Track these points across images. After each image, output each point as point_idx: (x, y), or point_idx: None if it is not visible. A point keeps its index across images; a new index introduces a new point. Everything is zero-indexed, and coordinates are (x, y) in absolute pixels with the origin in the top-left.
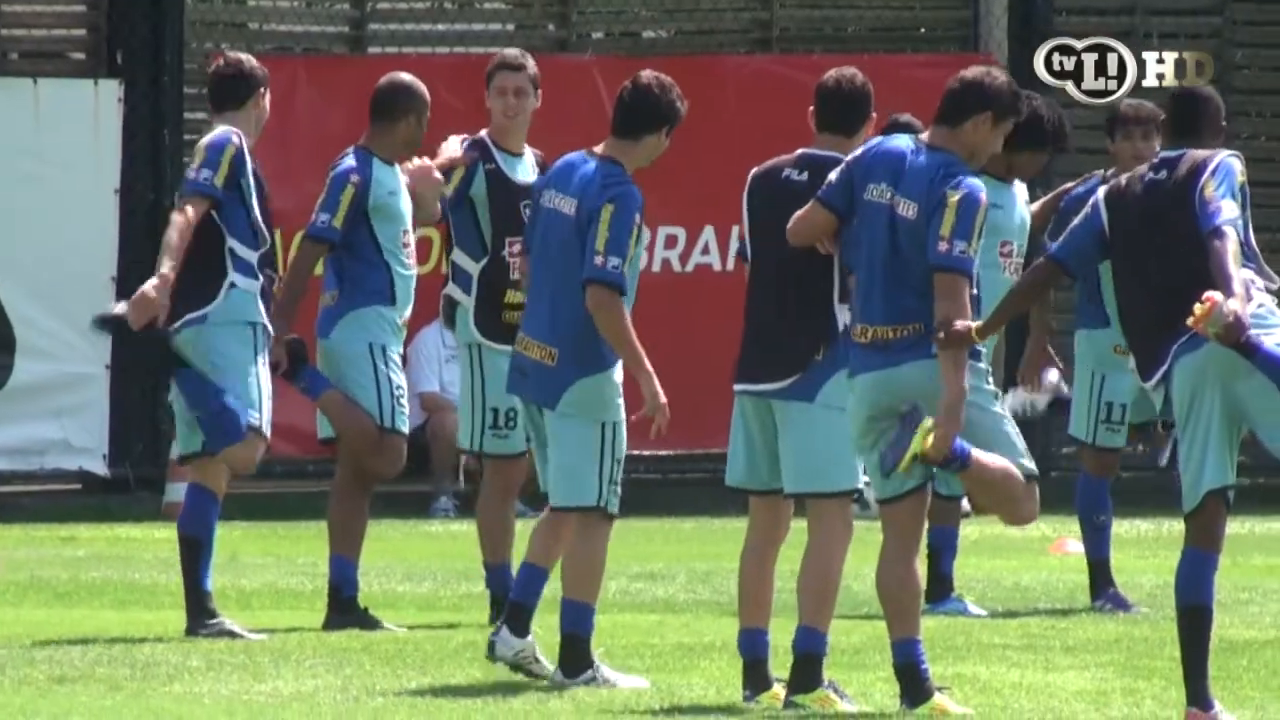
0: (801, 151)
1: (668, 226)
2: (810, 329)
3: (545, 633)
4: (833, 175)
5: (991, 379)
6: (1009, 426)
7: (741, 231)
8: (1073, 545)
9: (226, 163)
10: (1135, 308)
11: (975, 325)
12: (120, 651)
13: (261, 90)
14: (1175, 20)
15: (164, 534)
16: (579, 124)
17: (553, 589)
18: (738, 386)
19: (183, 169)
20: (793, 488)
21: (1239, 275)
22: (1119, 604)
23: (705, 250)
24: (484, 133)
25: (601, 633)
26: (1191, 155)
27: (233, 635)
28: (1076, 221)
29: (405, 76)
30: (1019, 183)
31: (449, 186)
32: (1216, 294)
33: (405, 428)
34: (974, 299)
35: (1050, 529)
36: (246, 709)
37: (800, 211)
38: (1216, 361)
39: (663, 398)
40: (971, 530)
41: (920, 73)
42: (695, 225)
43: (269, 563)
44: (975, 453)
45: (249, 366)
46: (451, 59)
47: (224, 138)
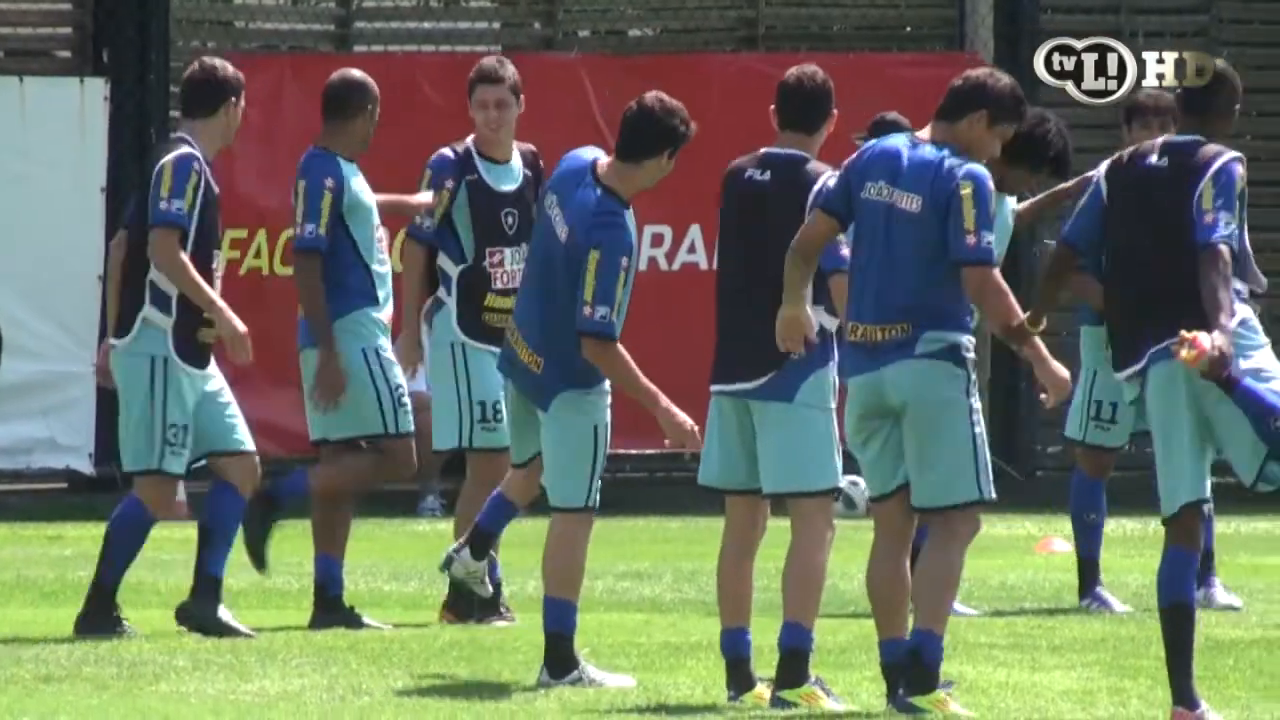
0: (764, 150)
1: (654, 225)
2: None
3: (530, 631)
4: (831, 182)
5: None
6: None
7: None
8: (1059, 544)
9: (191, 191)
10: (1117, 291)
11: (1025, 317)
12: (107, 651)
13: (234, 99)
14: (1161, 19)
15: (154, 534)
16: (565, 122)
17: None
18: (714, 387)
19: None
20: (772, 487)
21: (1228, 300)
22: (1104, 604)
23: (692, 249)
24: (469, 140)
25: (588, 632)
26: (1196, 151)
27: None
28: (1083, 201)
29: (356, 72)
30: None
31: (434, 218)
32: (1203, 336)
33: (411, 427)
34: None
35: (1036, 528)
36: (233, 708)
37: (805, 223)
38: (1189, 379)
39: (689, 425)
40: None
41: (906, 71)
42: (681, 224)
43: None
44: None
45: (145, 403)
46: (437, 57)
47: (187, 164)
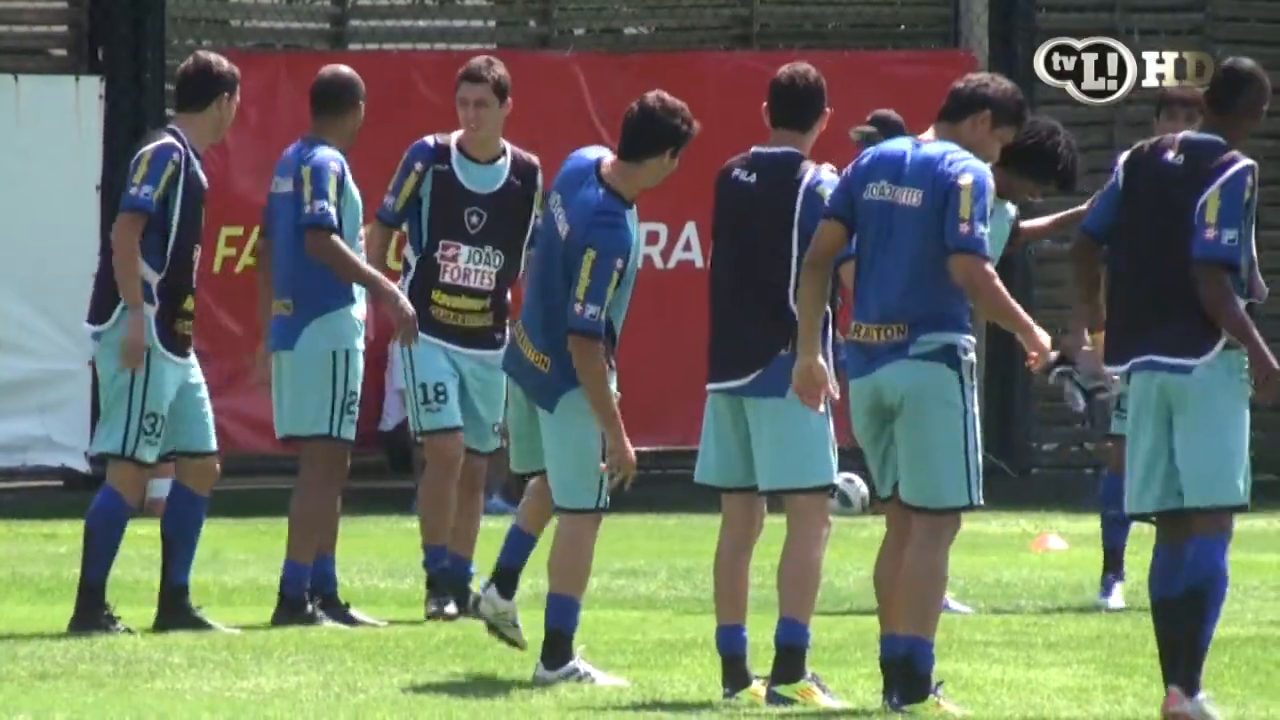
0: (754, 150)
1: (649, 223)
2: (770, 324)
3: (526, 629)
4: (827, 183)
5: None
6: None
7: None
8: (1054, 542)
9: (165, 181)
10: (1123, 285)
11: (1075, 331)
12: (102, 648)
13: (227, 94)
14: (1155, 17)
15: (145, 531)
16: (560, 120)
17: (538, 585)
18: (710, 386)
19: None
20: (768, 484)
21: (1238, 315)
22: (1105, 594)
23: (687, 247)
24: (455, 135)
25: (584, 629)
26: (1212, 153)
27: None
28: (1103, 190)
29: (345, 68)
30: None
31: (401, 199)
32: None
33: (352, 434)
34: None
35: (1031, 525)
36: (229, 706)
37: (815, 235)
38: (1162, 391)
39: (631, 455)
40: None
41: (901, 69)
42: (677, 222)
43: (251, 559)
44: None
45: (124, 389)
46: (433, 55)
47: (165, 153)
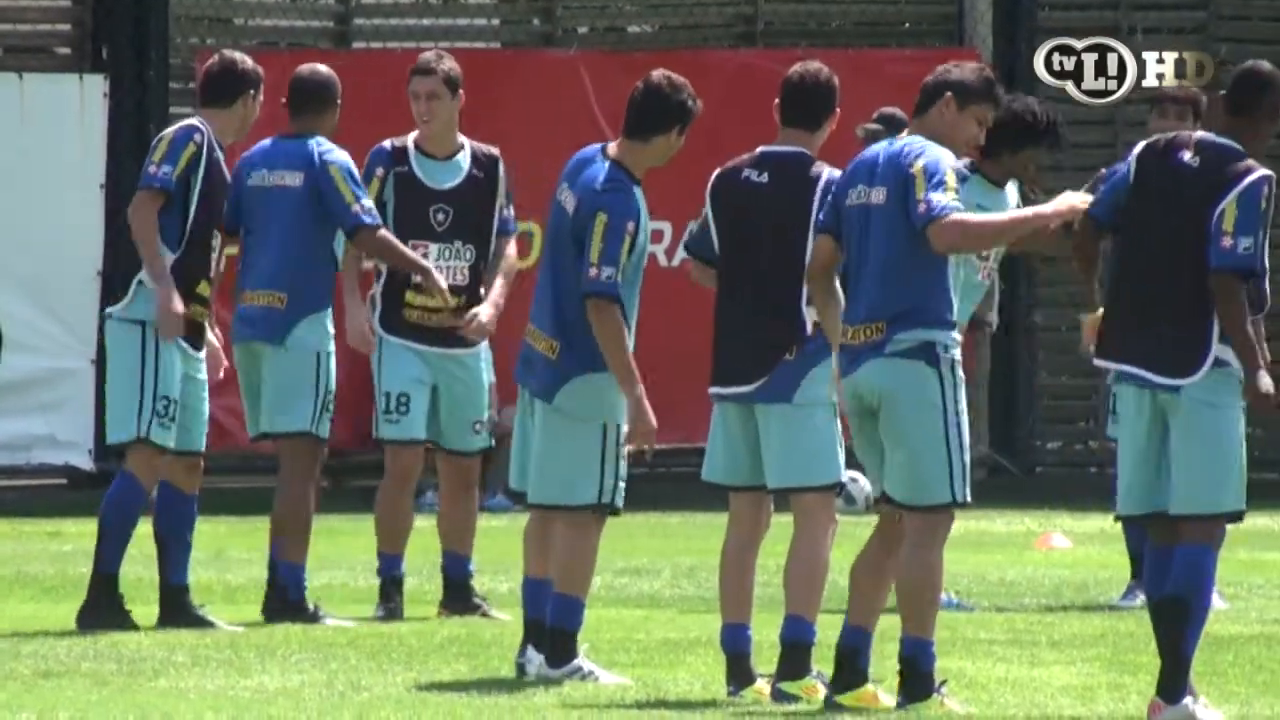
0: (761, 150)
1: (653, 221)
2: (778, 329)
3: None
4: (825, 201)
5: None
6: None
7: (692, 226)
8: (1058, 540)
9: (185, 160)
10: (1126, 281)
11: (1093, 315)
12: (106, 646)
13: (251, 92)
14: (1159, 15)
15: (149, 529)
16: (564, 119)
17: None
18: (713, 390)
19: None
20: (777, 483)
21: (1247, 330)
22: (1126, 598)
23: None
24: (412, 135)
25: (587, 628)
26: (1229, 159)
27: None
28: (1115, 177)
29: (323, 68)
30: (1011, 188)
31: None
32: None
33: (327, 433)
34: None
35: (1035, 524)
36: (232, 704)
37: (811, 249)
38: (1155, 399)
39: (652, 421)
40: (955, 525)
41: (905, 67)
42: (680, 220)
43: (254, 557)
44: None
45: (134, 370)
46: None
47: (186, 134)
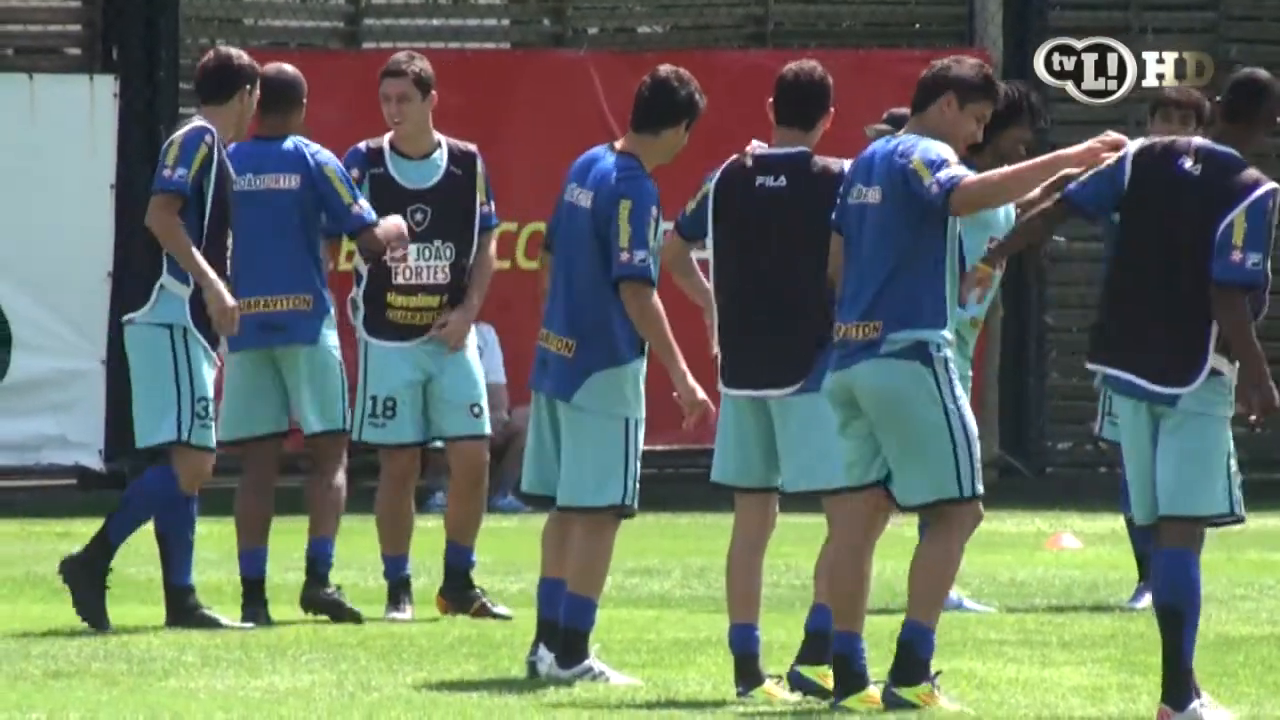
0: (765, 153)
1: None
2: (806, 329)
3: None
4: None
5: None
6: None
7: (688, 207)
8: (1069, 540)
9: (198, 162)
10: (1117, 285)
11: (983, 267)
12: (116, 646)
13: (248, 87)
14: (1169, 15)
15: (150, 527)
16: (574, 119)
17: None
18: (734, 391)
19: None
20: (805, 485)
21: (1253, 343)
22: (1135, 599)
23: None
24: (388, 136)
25: (598, 628)
26: (1233, 170)
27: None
28: (1102, 167)
29: (289, 67)
30: None
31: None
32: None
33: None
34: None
35: (1046, 524)
36: (242, 704)
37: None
38: (1150, 409)
39: (700, 394)
40: None
41: (915, 68)
42: None
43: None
44: None
45: (169, 374)
46: (447, 54)
47: (197, 135)
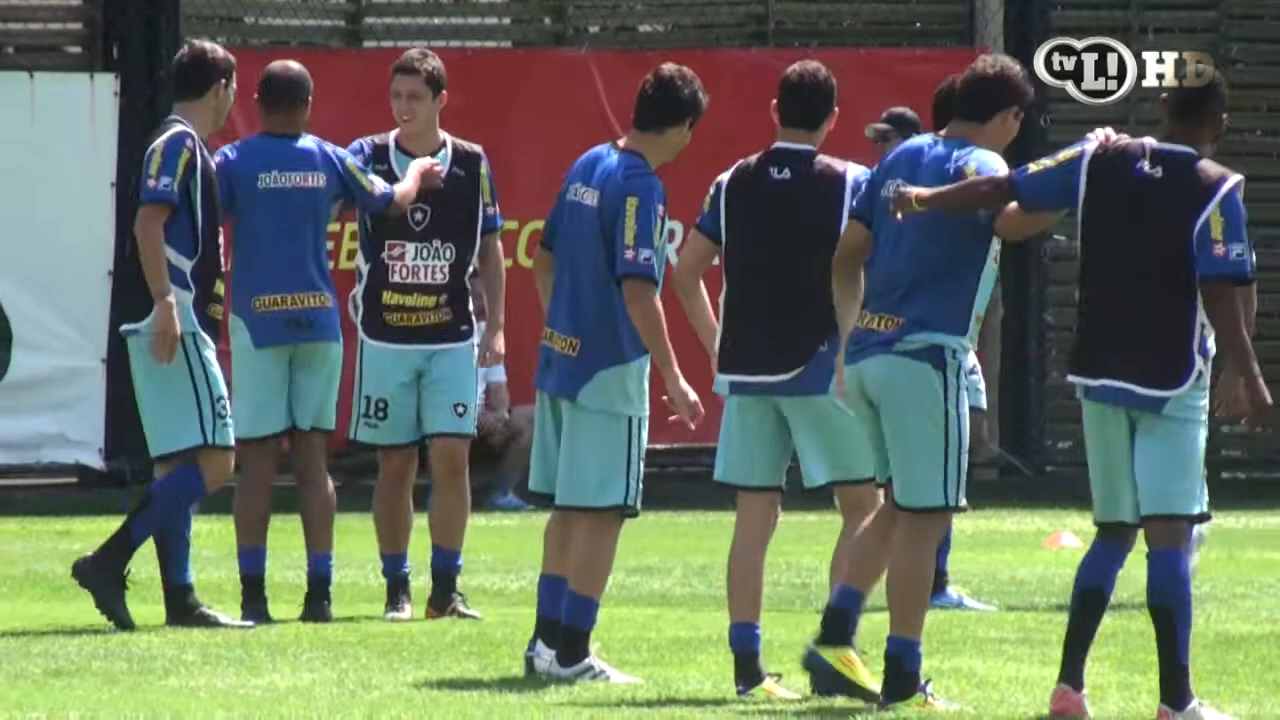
0: (778, 146)
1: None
2: (813, 320)
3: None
4: (862, 188)
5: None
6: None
7: (705, 205)
8: (1068, 539)
9: (182, 167)
10: (1090, 296)
11: (920, 193)
12: (116, 645)
13: (223, 81)
14: (1170, 14)
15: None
16: (575, 118)
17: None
18: (734, 378)
19: None
20: (824, 479)
21: (1244, 340)
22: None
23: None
24: (393, 133)
25: (598, 626)
26: (1196, 169)
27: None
28: (1057, 161)
29: (295, 64)
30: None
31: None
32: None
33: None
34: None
35: (1046, 523)
36: (243, 703)
37: (842, 233)
38: (1129, 414)
39: (692, 395)
40: (966, 525)
41: (916, 67)
42: (691, 220)
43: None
44: None
45: (187, 379)
46: (448, 53)
47: (178, 141)
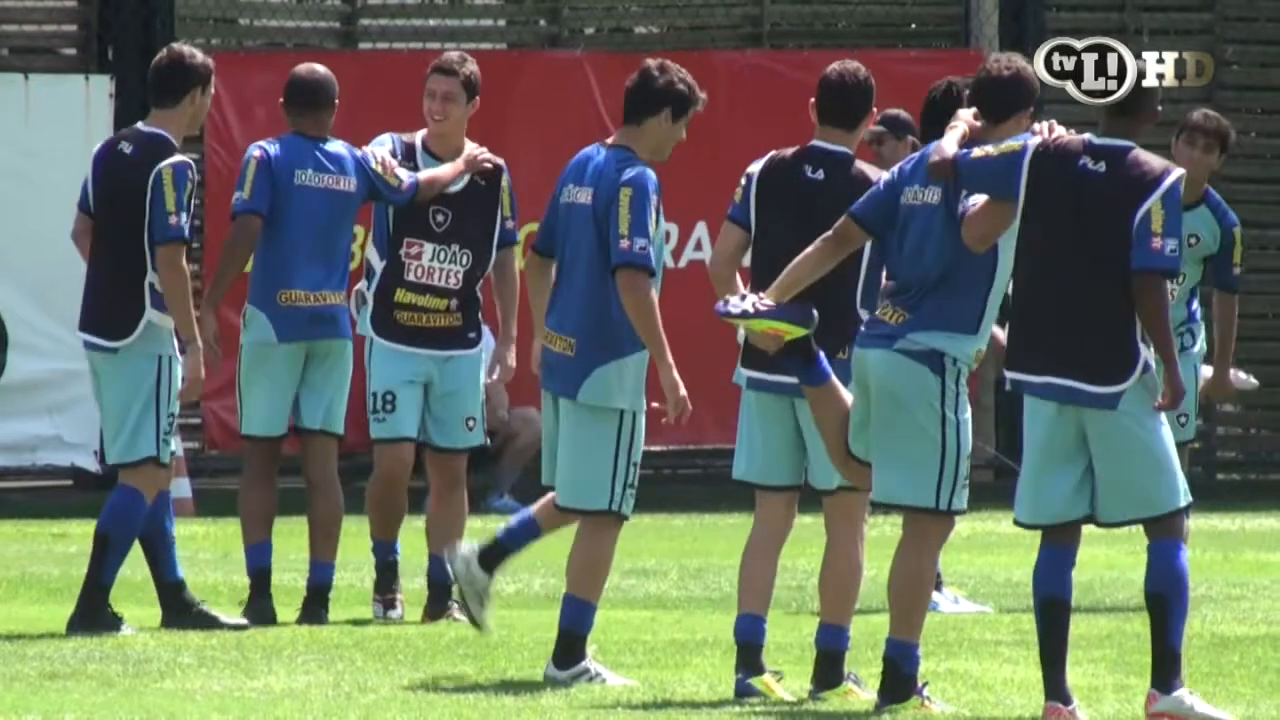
0: (814, 144)
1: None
2: (835, 325)
3: (536, 628)
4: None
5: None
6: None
7: (736, 196)
8: None
9: (188, 199)
10: (1030, 291)
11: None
12: (112, 648)
13: (200, 88)
14: (1166, 16)
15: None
16: (570, 120)
17: (549, 585)
18: (753, 374)
19: None
20: (834, 483)
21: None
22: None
23: (699, 246)
24: (420, 134)
25: (594, 629)
26: (1140, 161)
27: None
28: (999, 150)
29: (320, 67)
30: None
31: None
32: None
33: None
34: None
35: None
36: (239, 705)
37: (836, 224)
38: (1077, 415)
39: (682, 389)
40: (962, 527)
41: (911, 68)
42: (688, 221)
43: None
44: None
45: (149, 398)
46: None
47: (182, 175)
